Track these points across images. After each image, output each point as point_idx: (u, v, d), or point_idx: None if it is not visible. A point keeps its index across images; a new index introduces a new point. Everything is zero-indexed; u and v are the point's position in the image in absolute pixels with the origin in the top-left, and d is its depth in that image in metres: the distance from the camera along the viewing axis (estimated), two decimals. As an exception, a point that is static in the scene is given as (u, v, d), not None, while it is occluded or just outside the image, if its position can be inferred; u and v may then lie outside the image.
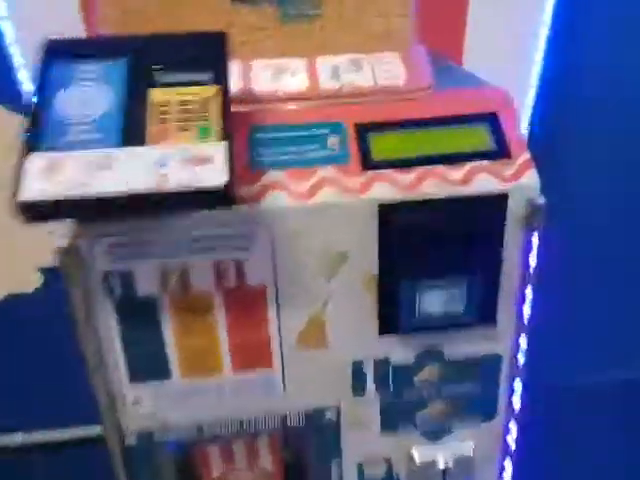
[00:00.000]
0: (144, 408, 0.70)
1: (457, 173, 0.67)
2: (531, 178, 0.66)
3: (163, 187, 0.54)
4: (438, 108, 0.70)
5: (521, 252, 0.69)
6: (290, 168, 0.66)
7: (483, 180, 0.66)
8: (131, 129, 0.58)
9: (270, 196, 0.64)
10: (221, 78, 0.61)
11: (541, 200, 0.66)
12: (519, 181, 0.66)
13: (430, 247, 0.67)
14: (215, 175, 0.54)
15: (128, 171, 0.55)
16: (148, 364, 0.69)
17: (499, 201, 0.67)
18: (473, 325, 0.72)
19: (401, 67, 0.72)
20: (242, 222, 0.64)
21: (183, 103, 0.59)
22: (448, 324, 0.71)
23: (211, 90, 0.60)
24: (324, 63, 0.72)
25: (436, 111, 0.70)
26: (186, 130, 0.57)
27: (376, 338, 0.72)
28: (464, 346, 0.74)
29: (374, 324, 0.71)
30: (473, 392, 0.76)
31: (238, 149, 0.66)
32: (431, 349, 0.74)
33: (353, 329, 0.71)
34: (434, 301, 0.70)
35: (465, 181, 0.66)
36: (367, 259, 0.68)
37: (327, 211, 0.65)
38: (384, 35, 0.74)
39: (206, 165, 0.55)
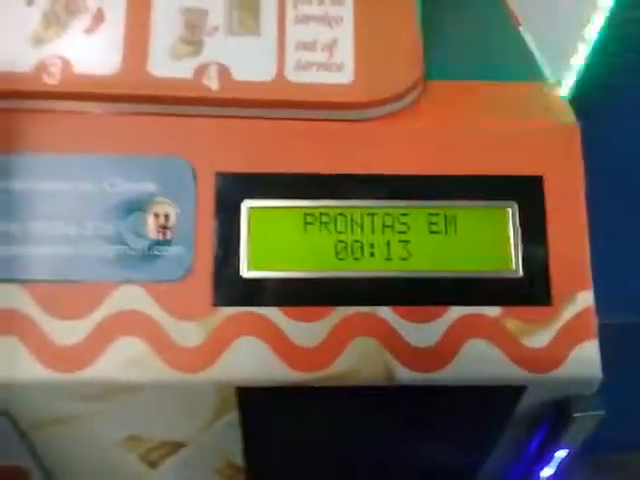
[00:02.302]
0: None
1: (427, 330, 0.30)
2: (586, 366, 0.30)
3: None
4: (413, 150, 0.31)
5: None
6: (48, 283, 0.29)
7: (477, 356, 0.30)
8: None
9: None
10: None
11: (594, 410, 0.31)
12: (560, 369, 0.30)
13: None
14: None
15: None
16: None
17: (504, 396, 0.31)
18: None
19: (349, 34, 0.31)
20: None
21: None
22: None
23: None
24: None
25: (404, 159, 0.31)
26: None
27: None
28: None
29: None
30: None
31: None
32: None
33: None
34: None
35: (442, 353, 0.30)
36: (223, 449, 0.34)
37: (128, 392, 0.29)
38: None
39: None
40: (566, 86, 0.33)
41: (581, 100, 0.37)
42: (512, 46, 0.36)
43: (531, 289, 0.30)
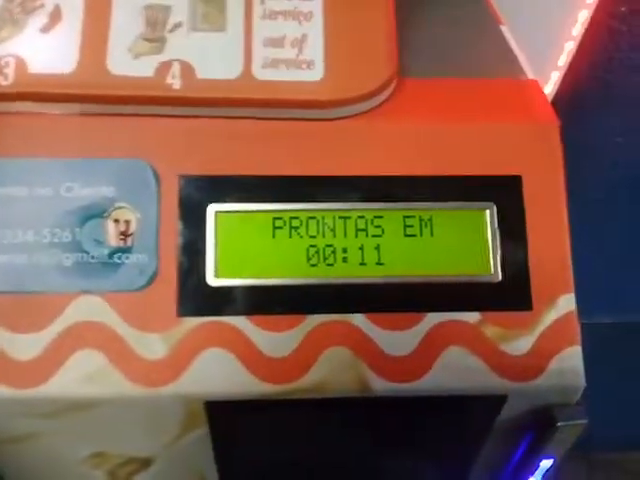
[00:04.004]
0: None
1: (403, 338, 0.28)
2: (568, 374, 0.29)
3: None
4: (387, 149, 0.30)
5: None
6: (3, 294, 0.27)
7: (455, 365, 0.29)
8: None
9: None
10: None
11: (578, 418, 0.29)
12: (542, 377, 0.29)
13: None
14: None
15: None
16: None
17: (484, 405, 0.30)
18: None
19: (319, 29, 0.29)
20: None
21: None
22: None
23: None
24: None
25: (378, 160, 0.29)
26: None
27: None
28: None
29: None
30: None
31: None
32: None
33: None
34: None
35: (419, 362, 0.28)
36: (194, 463, 0.33)
37: (88, 408, 0.28)
38: None
39: None
40: (548, 83, 0.32)
41: (563, 97, 0.36)
42: (491, 43, 0.35)
43: (510, 293, 0.29)
